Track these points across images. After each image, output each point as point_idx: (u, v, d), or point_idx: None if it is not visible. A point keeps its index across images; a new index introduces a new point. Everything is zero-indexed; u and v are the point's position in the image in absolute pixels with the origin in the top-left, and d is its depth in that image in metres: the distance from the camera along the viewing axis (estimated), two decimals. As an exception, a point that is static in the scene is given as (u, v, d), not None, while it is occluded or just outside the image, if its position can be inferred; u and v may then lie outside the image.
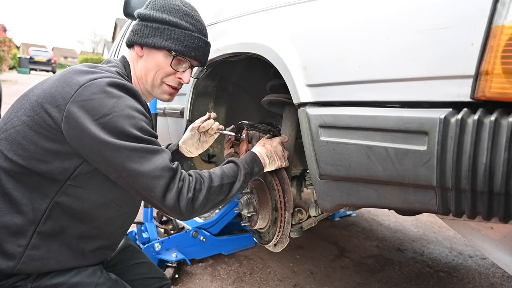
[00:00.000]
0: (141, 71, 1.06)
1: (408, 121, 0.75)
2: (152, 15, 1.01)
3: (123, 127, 0.81)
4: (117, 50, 3.97)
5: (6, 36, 14.80)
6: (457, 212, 0.72)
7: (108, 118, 0.81)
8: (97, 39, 57.07)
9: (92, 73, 0.87)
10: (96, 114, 0.81)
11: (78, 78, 0.85)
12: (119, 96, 0.84)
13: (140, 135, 0.83)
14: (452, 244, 2.80)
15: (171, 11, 1.02)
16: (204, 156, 2.08)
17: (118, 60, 1.06)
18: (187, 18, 1.04)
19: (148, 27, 1.02)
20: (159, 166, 0.82)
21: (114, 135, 0.80)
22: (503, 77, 0.64)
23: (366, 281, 2.12)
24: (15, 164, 0.84)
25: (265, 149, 1.12)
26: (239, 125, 1.23)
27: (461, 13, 0.69)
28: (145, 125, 0.86)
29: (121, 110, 0.82)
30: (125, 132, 0.81)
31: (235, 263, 2.22)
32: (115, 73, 0.95)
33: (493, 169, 0.64)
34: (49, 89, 0.85)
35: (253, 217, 1.26)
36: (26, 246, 0.85)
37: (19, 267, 0.84)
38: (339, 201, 0.98)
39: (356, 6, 0.91)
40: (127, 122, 0.82)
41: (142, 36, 1.02)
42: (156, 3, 1.04)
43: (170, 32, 1.01)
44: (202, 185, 0.88)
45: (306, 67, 1.02)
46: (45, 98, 0.85)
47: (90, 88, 0.82)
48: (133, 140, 0.82)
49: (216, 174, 0.93)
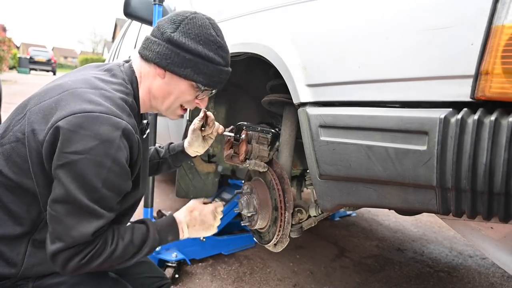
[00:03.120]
0: (158, 91, 0.99)
1: (408, 121, 0.75)
2: (186, 45, 0.92)
3: (86, 173, 0.76)
4: (117, 50, 3.97)
5: (6, 36, 14.81)
6: (457, 212, 0.72)
7: (80, 157, 0.75)
8: (97, 39, 57.15)
9: (91, 102, 0.80)
10: (69, 147, 0.75)
11: (76, 104, 0.79)
12: (104, 140, 0.77)
13: (98, 188, 0.78)
14: (452, 244, 2.80)
15: (206, 43, 0.94)
16: (204, 156, 2.08)
17: (125, 73, 0.98)
18: (220, 51, 0.98)
19: (180, 56, 0.93)
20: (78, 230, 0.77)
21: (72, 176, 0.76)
22: (503, 77, 0.64)
23: (366, 281, 2.12)
24: (10, 179, 0.83)
25: (189, 217, 1.04)
26: (238, 126, 1.23)
27: (461, 13, 0.69)
28: (115, 179, 0.81)
29: (96, 156, 0.76)
30: (84, 179, 0.76)
31: (235, 263, 2.22)
32: (119, 100, 0.87)
33: (493, 169, 0.64)
34: (44, 109, 0.81)
35: (253, 217, 1.26)
36: (24, 254, 0.85)
37: (22, 273, 0.85)
38: (339, 201, 0.98)
39: (356, 6, 0.91)
40: (94, 170, 0.77)
41: (171, 64, 0.94)
42: (190, 29, 0.94)
43: (203, 66, 0.95)
44: (102, 254, 0.82)
45: (306, 67, 1.02)
46: (37, 117, 0.81)
47: (80, 119, 0.77)
48: (85, 191, 0.77)
49: (123, 243, 0.86)
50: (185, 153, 1.28)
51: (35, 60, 22.88)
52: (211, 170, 2.13)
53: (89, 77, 0.89)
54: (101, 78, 0.91)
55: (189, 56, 0.93)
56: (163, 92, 0.99)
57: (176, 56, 0.93)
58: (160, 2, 1.87)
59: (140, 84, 1.00)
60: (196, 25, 0.94)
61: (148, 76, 0.99)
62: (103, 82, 0.89)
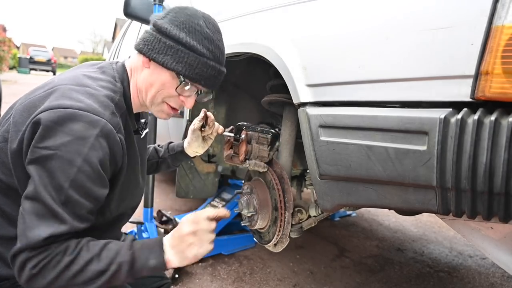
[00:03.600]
0: (142, 83, 0.96)
1: (408, 121, 0.75)
2: (168, 30, 0.89)
3: (54, 171, 0.72)
4: (117, 50, 3.97)
5: (6, 36, 14.81)
6: (457, 212, 0.72)
7: (48, 153, 0.72)
8: (97, 39, 57.17)
9: (71, 98, 0.77)
10: (42, 141, 0.73)
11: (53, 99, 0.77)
12: (79, 137, 0.74)
13: (64, 190, 0.73)
14: (452, 244, 2.80)
15: (191, 31, 0.90)
16: (204, 156, 2.08)
17: (116, 71, 0.95)
18: (206, 43, 0.92)
19: (161, 42, 0.90)
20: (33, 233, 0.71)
21: (41, 172, 0.72)
22: (503, 77, 0.64)
23: (366, 281, 2.12)
24: (0, 181, 0.82)
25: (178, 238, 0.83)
26: (238, 126, 1.23)
27: (461, 13, 0.69)
28: (84, 181, 0.75)
29: (67, 153, 0.72)
30: (52, 178, 0.72)
31: (235, 263, 2.22)
32: (103, 97, 0.83)
33: (493, 169, 0.64)
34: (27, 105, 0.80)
35: (253, 217, 1.26)
36: None
37: None
38: (339, 201, 0.98)
39: (356, 6, 0.91)
40: (64, 168, 0.72)
41: (152, 50, 0.91)
42: (176, 16, 0.91)
43: (183, 54, 0.90)
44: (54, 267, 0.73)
45: (306, 67, 1.02)
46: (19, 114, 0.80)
47: (55, 114, 0.74)
48: (50, 190, 0.72)
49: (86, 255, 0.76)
50: (185, 153, 1.28)
51: (35, 60, 22.89)
52: (211, 170, 2.13)
53: (77, 75, 0.87)
54: (90, 75, 0.89)
55: (169, 42, 0.90)
56: (146, 84, 0.95)
57: (157, 41, 0.91)
58: (160, 2, 1.87)
59: (131, 81, 0.97)
60: (184, 13, 0.92)
61: (136, 69, 0.97)
62: (90, 79, 0.87)
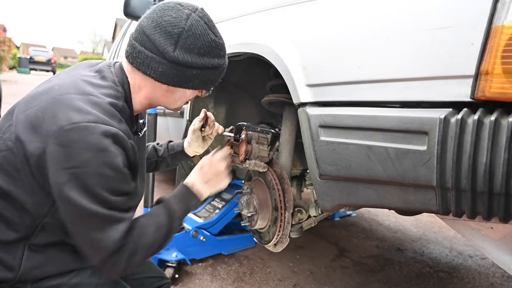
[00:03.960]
0: (161, 99, 0.98)
1: (408, 121, 0.75)
2: (192, 62, 0.89)
3: (91, 185, 0.76)
4: (117, 50, 3.97)
5: (6, 36, 14.80)
6: (457, 212, 0.72)
7: (79, 171, 0.75)
8: (97, 39, 57.15)
9: (79, 111, 0.78)
10: (68, 162, 0.75)
11: (63, 115, 0.77)
12: (98, 149, 0.76)
13: (106, 197, 0.78)
14: (452, 244, 2.80)
15: (209, 52, 0.91)
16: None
17: (115, 74, 0.93)
18: (221, 52, 0.96)
19: (187, 74, 0.90)
20: (108, 239, 0.79)
21: (78, 191, 0.76)
22: (503, 77, 0.64)
23: (366, 281, 2.12)
24: (0, 187, 0.82)
25: (201, 173, 1.06)
26: (238, 126, 1.23)
27: (461, 13, 0.69)
28: (118, 185, 0.81)
29: (95, 167, 0.76)
30: (91, 191, 0.76)
31: (235, 263, 2.22)
32: (108, 106, 0.83)
33: (493, 169, 0.64)
34: (31, 118, 0.80)
35: (253, 217, 1.26)
36: (21, 258, 0.84)
37: (20, 277, 0.84)
38: (339, 201, 0.98)
39: (356, 6, 0.91)
40: (97, 181, 0.77)
41: (179, 82, 0.92)
42: (191, 43, 0.88)
43: (209, 74, 0.94)
44: (137, 252, 0.84)
45: (306, 67, 1.02)
46: (24, 127, 0.80)
47: (71, 133, 0.75)
48: (96, 202, 0.77)
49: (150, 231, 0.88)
50: (184, 153, 1.28)
51: (35, 60, 22.86)
52: (211, 170, 2.12)
53: (77, 80, 0.86)
54: (90, 81, 0.87)
55: (196, 72, 0.91)
56: (168, 100, 0.98)
57: (183, 74, 0.90)
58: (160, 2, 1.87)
59: (133, 89, 0.96)
60: (196, 36, 0.88)
61: (146, 86, 0.95)
62: (91, 86, 0.86)
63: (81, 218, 0.78)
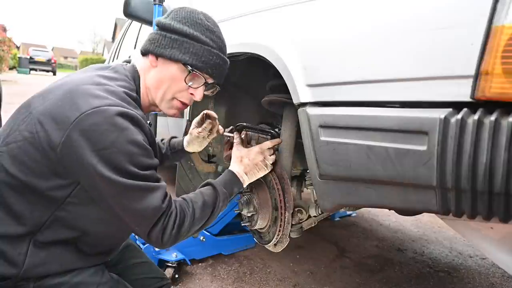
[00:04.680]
0: (152, 82, 1.02)
1: (408, 121, 0.75)
2: (172, 26, 0.97)
3: (121, 163, 0.81)
4: (117, 50, 3.97)
5: (6, 36, 14.80)
6: (457, 212, 0.72)
7: (108, 152, 0.79)
8: (97, 39, 57.20)
9: (97, 97, 0.82)
10: (95, 145, 0.79)
11: (82, 102, 0.81)
12: (121, 129, 0.81)
13: (136, 171, 0.83)
14: (452, 244, 2.80)
15: (193, 24, 0.98)
16: (204, 156, 2.08)
17: (128, 71, 1.01)
18: (208, 33, 1.00)
19: (166, 38, 0.98)
20: (150, 206, 0.84)
21: (111, 170, 0.80)
22: (503, 77, 0.64)
23: (366, 281, 2.12)
24: (16, 179, 0.83)
25: (242, 165, 1.13)
26: (238, 127, 1.24)
27: (461, 13, 0.69)
28: (144, 159, 0.85)
29: (121, 145, 0.80)
30: (123, 168, 0.81)
31: (235, 263, 2.22)
32: (123, 94, 0.89)
33: (493, 169, 0.64)
34: (51, 108, 0.82)
35: (253, 217, 1.26)
36: (25, 254, 0.85)
37: (23, 273, 0.85)
38: (339, 201, 0.98)
39: (356, 7, 0.91)
40: (126, 158, 0.81)
41: (158, 46, 0.98)
42: (178, 14, 1.00)
43: (188, 45, 0.97)
44: (185, 220, 0.91)
45: (306, 67, 1.02)
46: (46, 117, 0.82)
47: (92, 116, 0.79)
48: (129, 176, 0.81)
49: (198, 205, 0.96)
50: (185, 152, 1.33)
51: (35, 60, 22.87)
52: (211, 170, 2.13)
53: (92, 75, 0.91)
54: (104, 75, 0.93)
55: (174, 36, 0.98)
56: (156, 81, 1.01)
57: (162, 38, 0.98)
58: (160, 2, 1.87)
59: (140, 81, 1.02)
60: (185, 11, 1.00)
61: (144, 70, 1.03)
62: (106, 79, 0.91)
63: (119, 194, 0.82)
